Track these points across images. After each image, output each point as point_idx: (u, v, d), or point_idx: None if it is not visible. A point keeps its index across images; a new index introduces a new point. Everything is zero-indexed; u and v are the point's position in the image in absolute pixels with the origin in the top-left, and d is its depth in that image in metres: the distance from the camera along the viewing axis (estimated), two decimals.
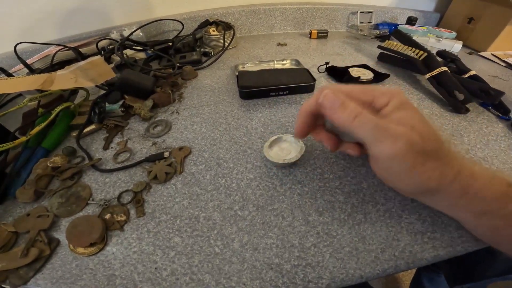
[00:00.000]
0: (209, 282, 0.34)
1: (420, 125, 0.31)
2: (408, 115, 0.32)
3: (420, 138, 0.30)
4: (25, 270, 0.36)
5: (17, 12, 0.89)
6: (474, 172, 0.32)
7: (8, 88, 0.53)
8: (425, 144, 0.30)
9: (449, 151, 0.32)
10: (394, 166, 0.32)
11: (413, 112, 0.32)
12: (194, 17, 1.07)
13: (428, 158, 0.30)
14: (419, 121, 0.31)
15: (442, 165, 0.31)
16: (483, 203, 0.32)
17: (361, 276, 0.35)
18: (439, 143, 0.31)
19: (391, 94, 0.33)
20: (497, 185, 0.31)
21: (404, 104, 0.32)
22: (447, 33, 1.03)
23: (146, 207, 0.44)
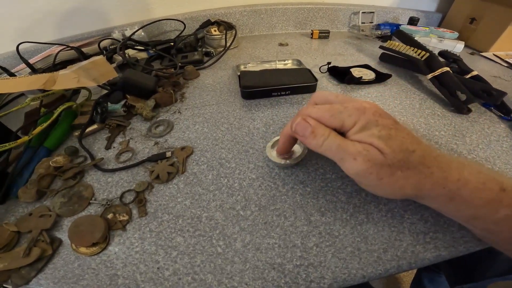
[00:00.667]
0: (211, 282, 0.34)
1: (379, 141, 0.32)
2: (367, 134, 0.33)
3: (380, 153, 0.32)
4: (27, 269, 0.36)
5: (17, 12, 0.89)
6: (463, 177, 0.32)
7: (10, 88, 0.54)
8: (387, 157, 0.31)
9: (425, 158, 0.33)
10: (363, 180, 0.34)
11: (375, 129, 0.33)
12: (195, 17, 1.08)
13: (396, 169, 0.32)
14: (379, 138, 0.32)
15: (415, 174, 0.32)
16: (472, 209, 0.32)
17: (363, 276, 0.35)
18: (406, 153, 0.32)
19: (359, 113, 0.34)
20: (488, 190, 0.31)
21: (368, 123, 0.33)
22: (449, 33, 1.03)
23: (148, 207, 0.44)
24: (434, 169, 0.32)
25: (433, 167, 0.32)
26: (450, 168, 0.33)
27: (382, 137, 0.32)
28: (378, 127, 0.33)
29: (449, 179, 0.32)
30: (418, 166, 0.32)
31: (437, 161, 0.33)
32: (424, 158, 0.32)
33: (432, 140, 0.53)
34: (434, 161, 0.33)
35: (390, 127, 0.33)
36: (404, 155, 0.32)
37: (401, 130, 0.34)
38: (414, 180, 0.32)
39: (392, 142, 0.32)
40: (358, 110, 0.34)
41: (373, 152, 0.32)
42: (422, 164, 0.32)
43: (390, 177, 0.32)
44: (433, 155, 0.33)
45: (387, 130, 0.33)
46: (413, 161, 0.32)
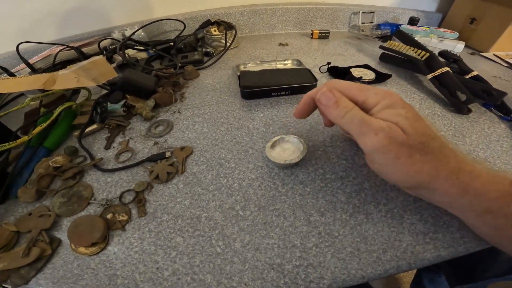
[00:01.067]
0: (211, 282, 0.34)
1: (405, 121, 0.32)
2: (393, 113, 0.33)
3: (403, 132, 0.32)
4: (27, 269, 0.36)
5: (17, 12, 0.89)
6: (475, 170, 0.32)
7: (10, 88, 0.54)
8: (410, 138, 0.32)
9: (443, 147, 0.33)
10: (379, 158, 0.34)
11: (402, 110, 0.34)
12: (195, 17, 1.08)
13: (415, 151, 0.32)
14: (406, 118, 0.33)
15: (433, 159, 0.32)
16: (485, 202, 0.32)
17: (363, 276, 0.34)
18: (428, 138, 0.33)
19: (384, 95, 0.35)
20: (499, 184, 0.31)
21: (394, 104, 0.34)
22: (449, 34, 1.03)
23: (148, 207, 0.44)
24: (451, 158, 0.32)
25: (450, 156, 0.33)
26: (464, 160, 0.33)
27: (408, 118, 0.33)
28: (404, 109, 0.34)
29: (462, 170, 0.32)
30: (437, 152, 0.32)
31: (453, 152, 0.33)
32: (443, 146, 0.33)
33: None
34: (451, 152, 0.33)
35: (414, 112, 0.34)
36: (426, 139, 0.32)
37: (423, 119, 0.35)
38: (432, 166, 0.32)
39: (417, 124, 0.33)
40: (385, 91, 0.35)
41: (396, 130, 0.32)
42: (440, 152, 0.32)
43: (408, 158, 0.32)
44: (449, 146, 0.34)
45: (413, 113, 0.34)
46: (433, 147, 0.32)
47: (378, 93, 0.35)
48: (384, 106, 0.34)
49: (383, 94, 0.35)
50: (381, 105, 0.34)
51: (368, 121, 0.33)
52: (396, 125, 0.32)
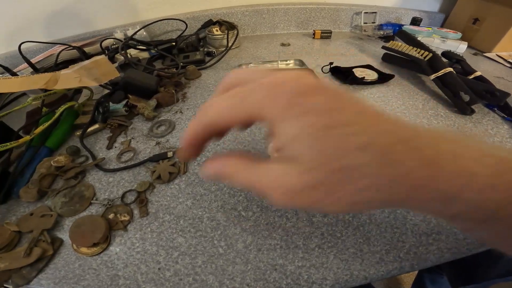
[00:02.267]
0: (213, 283, 0.34)
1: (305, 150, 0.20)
2: (286, 139, 0.21)
3: (304, 170, 0.21)
4: (28, 269, 0.36)
5: (19, 12, 0.89)
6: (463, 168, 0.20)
7: (12, 87, 0.54)
8: (318, 172, 0.21)
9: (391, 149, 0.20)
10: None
11: (298, 124, 0.20)
12: (197, 17, 1.07)
13: (337, 183, 0.20)
14: (302, 142, 0.21)
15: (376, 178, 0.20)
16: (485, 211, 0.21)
17: (366, 277, 0.34)
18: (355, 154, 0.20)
19: (270, 97, 0.21)
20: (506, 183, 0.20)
21: (286, 115, 0.21)
22: (452, 34, 1.02)
23: (150, 207, 0.44)
24: (408, 162, 0.20)
25: (406, 160, 0.19)
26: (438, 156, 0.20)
27: (304, 140, 0.20)
28: (300, 120, 0.20)
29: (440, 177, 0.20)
30: (378, 166, 0.20)
31: (412, 148, 0.20)
32: (387, 150, 0.20)
33: None
34: (406, 150, 0.20)
35: (322, 110, 0.20)
36: (347, 160, 0.19)
37: (344, 108, 0.20)
38: (374, 189, 0.20)
39: (322, 144, 0.20)
40: (270, 89, 0.21)
41: (288, 175, 0.21)
42: (382, 162, 0.20)
43: (329, 196, 0.20)
44: (404, 138, 0.20)
45: (316, 121, 0.20)
46: (367, 163, 0.19)
47: (260, 99, 0.21)
48: (272, 125, 0.21)
49: (268, 98, 0.21)
50: (269, 126, 0.22)
51: (256, 177, 0.23)
52: (293, 163, 0.21)
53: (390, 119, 0.21)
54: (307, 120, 0.20)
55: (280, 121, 0.20)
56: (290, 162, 0.21)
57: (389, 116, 0.21)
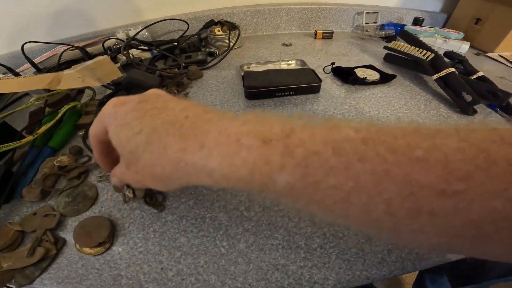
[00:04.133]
0: (215, 283, 0.34)
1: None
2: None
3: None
4: (31, 269, 0.36)
5: (20, 11, 0.90)
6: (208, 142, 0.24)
7: (15, 87, 0.54)
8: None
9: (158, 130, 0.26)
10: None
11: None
12: (199, 17, 1.08)
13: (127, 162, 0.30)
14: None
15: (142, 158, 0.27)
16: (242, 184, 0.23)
17: (367, 277, 0.34)
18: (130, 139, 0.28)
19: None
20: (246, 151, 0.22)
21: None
22: (454, 34, 1.02)
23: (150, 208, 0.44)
24: (169, 139, 0.25)
25: (165, 137, 0.25)
26: (191, 132, 0.25)
27: (113, 140, 0.29)
28: (111, 125, 0.29)
29: (188, 150, 0.24)
30: (146, 145, 0.26)
31: (173, 128, 0.25)
32: (152, 131, 0.26)
33: None
34: (167, 129, 0.25)
35: (122, 114, 0.29)
36: (131, 144, 0.27)
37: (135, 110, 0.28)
38: (156, 165, 0.26)
39: (119, 139, 0.28)
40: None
41: (118, 168, 0.33)
42: (148, 141, 0.26)
43: (136, 174, 0.29)
44: (169, 121, 0.26)
45: (116, 123, 0.29)
46: (141, 143, 0.26)
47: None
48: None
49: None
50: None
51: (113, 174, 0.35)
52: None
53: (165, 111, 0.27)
54: (114, 123, 0.28)
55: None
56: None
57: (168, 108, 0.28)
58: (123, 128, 0.27)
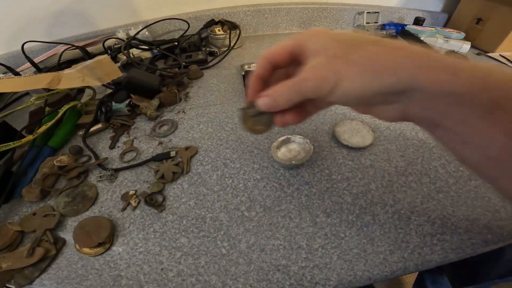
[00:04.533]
0: (216, 283, 0.34)
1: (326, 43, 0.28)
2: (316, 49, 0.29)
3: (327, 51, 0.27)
4: (31, 269, 0.36)
5: (21, 11, 0.89)
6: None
7: (15, 87, 0.54)
8: (337, 46, 0.27)
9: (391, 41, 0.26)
10: (327, 87, 0.27)
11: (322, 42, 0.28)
12: (199, 17, 1.07)
13: (352, 47, 0.26)
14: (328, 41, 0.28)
15: (390, 50, 0.25)
16: (492, 91, 0.22)
17: (369, 278, 0.34)
18: (362, 38, 0.27)
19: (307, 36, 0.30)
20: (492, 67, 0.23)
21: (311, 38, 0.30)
22: (455, 34, 1.02)
23: (150, 208, 0.44)
24: (412, 47, 0.25)
25: (413, 47, 0.25)
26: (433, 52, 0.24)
27: (331, 39, 0.28)
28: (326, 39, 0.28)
29: (445, 61, 0.23)
30: (392, 43, 0.25)
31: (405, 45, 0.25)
32: (394, 47, 0.25)
33: None
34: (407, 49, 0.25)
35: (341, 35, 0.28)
36: (347, 38, 0.27)
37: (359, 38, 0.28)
38: (379, 55, 0.25)
39: (329, 36, 0.28)
40: (308, 33, 0.30)
41: (316, 60, 0.28)
42: (396, 44, 0.25)
43: (346, 66, 0.26)
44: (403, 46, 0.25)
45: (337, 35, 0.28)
46: (361, 41, 0.26)
47: (300, 35, 0.30)
48: (306, 39, 0.29)
49: (303, 33, 0.30)
50: (305, 42, 0.29)
51: (296, 79, 0.29)
52: (316, 52, 0.28)
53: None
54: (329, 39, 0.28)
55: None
56: (316, 57, 0.28)
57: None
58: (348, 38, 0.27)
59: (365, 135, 0.53)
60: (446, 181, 0.45)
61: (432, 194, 0.43)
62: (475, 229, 0.38)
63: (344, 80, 0.26)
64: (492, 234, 0.37)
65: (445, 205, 0.41)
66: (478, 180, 0.45)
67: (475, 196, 0.42)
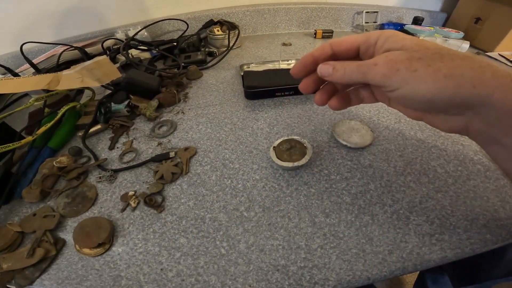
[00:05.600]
0: (215, 284, 0.34)
1: (402, 42, 0.29)
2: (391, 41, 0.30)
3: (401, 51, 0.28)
4: (31, 270, 0.36)
5: (20, 12, 0.89)
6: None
7: (14, 88, 0.54)
8: (413, 50, 0.28)
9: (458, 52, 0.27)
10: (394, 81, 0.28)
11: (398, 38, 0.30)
12: (198, 17, 1.07)
13: (431, 59, 0.26)
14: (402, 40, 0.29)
15: (464, 63, 0.26)
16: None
17: (368, 278, 0.34)
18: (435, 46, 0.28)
19: (380, 33, 0.32)
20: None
21: (391, 36, 0.31)
22: (454, 33, 1.02)
23: (150, 208, 0.44)
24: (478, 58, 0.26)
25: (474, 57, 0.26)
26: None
27: (405, 39, 0.29)
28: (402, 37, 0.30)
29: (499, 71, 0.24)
30: (462, 56, 0.26)
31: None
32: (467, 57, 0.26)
33: (438, 141, 0.53)
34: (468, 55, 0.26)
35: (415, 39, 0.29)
36: (434, 47, 0.27)
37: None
38: (466, 68, 0.25)
39: (416, 41, 0.28)
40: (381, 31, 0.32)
41: (394, 52, 0.28)
42: (466, 56, 0.26)
43: (426, 67, 0.26)
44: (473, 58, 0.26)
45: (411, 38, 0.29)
46: (452, 53, 0.26)
47: (375, 32, 0.32)
48: (383, 40, 0.31)
49: (380, 32, 0.32)
50: (380, 41, 0.31)
51: (363, 62, 0.30)
52: (392, 51, 0.29)
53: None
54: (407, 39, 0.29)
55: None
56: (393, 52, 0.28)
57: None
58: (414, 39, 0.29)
59: (364, 135, 0.53)
60: (445, 181, 0.45)
61: (431, 194, 0.43)
62: (474, 229, 0.38)
63: (417, 79, 0.26)
64: (491, 234, 0.37)
65: (444, 205, 0.41)
66: (476, 180, 0.45)
67: (474, 196, 0.42)
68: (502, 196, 0.42)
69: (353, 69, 0.31)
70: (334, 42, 0.35)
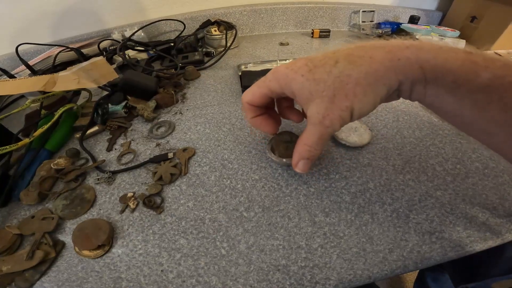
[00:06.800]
0: (216, 284, 0.34)
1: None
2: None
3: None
4: (31, 272, 0.36)
5: (16, 13, 0.89)
6: (412, 43, 0.29)
7: (10, 90, 0.53)
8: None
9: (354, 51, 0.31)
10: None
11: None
12: (195, 17, 1.07)
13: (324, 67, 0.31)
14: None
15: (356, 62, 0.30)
16: (450, 75, 0.27)
17: (369, 276, 0.34)
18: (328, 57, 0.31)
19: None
20: (454, 52, 0.27)
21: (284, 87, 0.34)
22: (450, 32, 1.02)
23: (151, 210, 0.43)
24: (371, 52, 0.29)
25: (372, 49, 0.30)
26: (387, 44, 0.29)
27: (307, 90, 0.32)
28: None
29: (397, 49, 0.28)
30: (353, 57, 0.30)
31: (367, 47, 0.30)
32: (350, 53, 0.30)
33: (436, 139, 0.53)
34: (363, 49, 0.30)
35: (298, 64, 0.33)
36: (335, 70, 0.30)
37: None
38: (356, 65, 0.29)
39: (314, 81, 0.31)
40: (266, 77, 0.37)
41: (310, 112, 0.33)
42: (357, 55, 0.30)
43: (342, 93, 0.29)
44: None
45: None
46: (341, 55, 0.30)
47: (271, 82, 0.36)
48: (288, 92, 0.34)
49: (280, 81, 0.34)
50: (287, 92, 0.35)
51: (316, 135, 0.34)
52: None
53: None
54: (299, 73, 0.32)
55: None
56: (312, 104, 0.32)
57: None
58: (315, 71, 0.30)
59: (363, 133, 0.53)
60: (444, 179, 0.45)
61: (430, 192, 0.43)
62: (474, 226, 0.38)
63: (354, 109, 0.30)
64: (490, 232, 0.37)
65: (443, 203, 0.41)
66: (475, 178, 0.45)
67: (472, 194, 0.42)
68: (501, 193, 0.42)
69: (318, 145, 0.35)
70: (247, 101, 0.39)
